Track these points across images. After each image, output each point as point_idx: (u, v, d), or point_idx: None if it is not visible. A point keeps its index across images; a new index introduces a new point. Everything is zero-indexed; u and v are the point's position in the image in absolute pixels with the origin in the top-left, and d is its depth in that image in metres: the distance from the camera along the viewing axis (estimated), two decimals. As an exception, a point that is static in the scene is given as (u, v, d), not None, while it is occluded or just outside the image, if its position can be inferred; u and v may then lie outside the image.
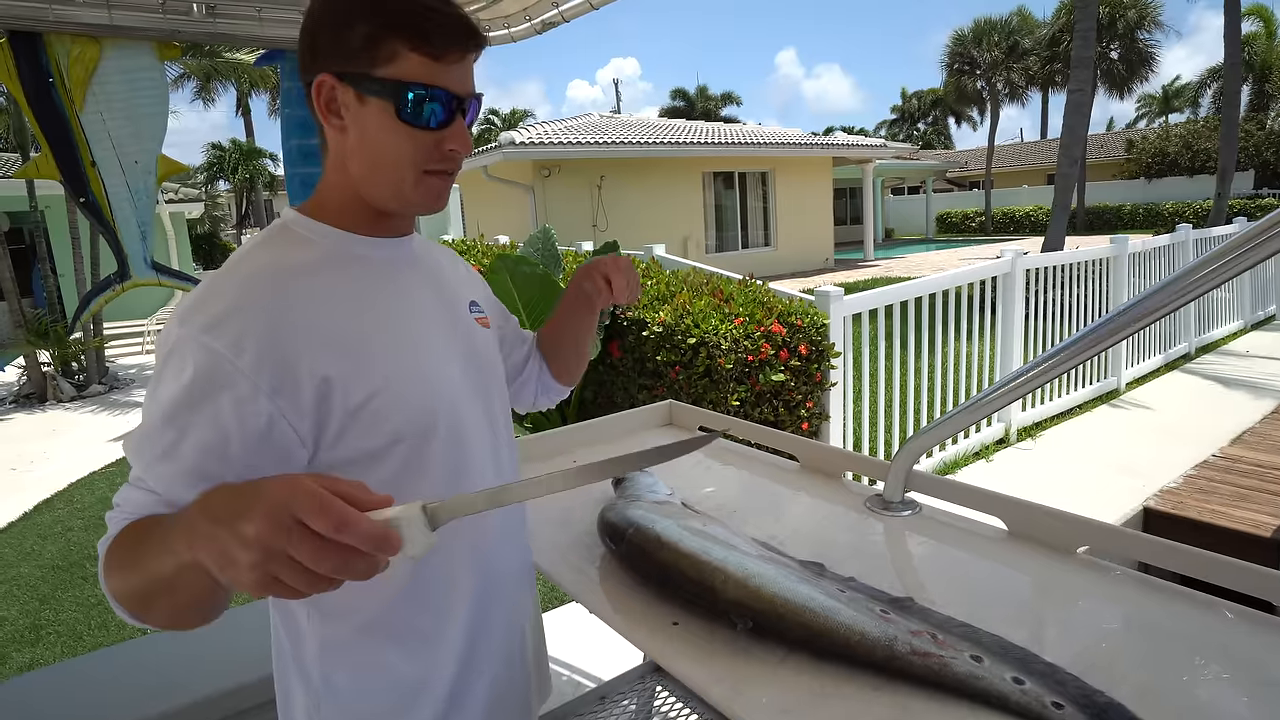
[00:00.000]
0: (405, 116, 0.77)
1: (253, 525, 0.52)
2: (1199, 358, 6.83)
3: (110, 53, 1.82)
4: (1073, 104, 10.79)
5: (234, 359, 0.70)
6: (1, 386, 9.40)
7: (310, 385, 0.73)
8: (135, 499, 0.71)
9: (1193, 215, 22.27)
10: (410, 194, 0.81)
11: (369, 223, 0.85)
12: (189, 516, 0.58)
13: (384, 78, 0.76)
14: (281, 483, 0.54)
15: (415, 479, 0.81)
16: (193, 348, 0.70)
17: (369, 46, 0.76)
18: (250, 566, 0.52)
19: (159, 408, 0.70)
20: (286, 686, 0.88)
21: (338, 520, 0.51)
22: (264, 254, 0.79)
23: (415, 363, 0.81)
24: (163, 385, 0.71)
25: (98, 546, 0.71)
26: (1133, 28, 25.59)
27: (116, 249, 2.03)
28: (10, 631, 3.30)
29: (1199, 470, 4.02)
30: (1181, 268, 0.88)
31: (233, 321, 0.71)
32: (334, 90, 0.78)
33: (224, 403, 0.69)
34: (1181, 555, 0.95)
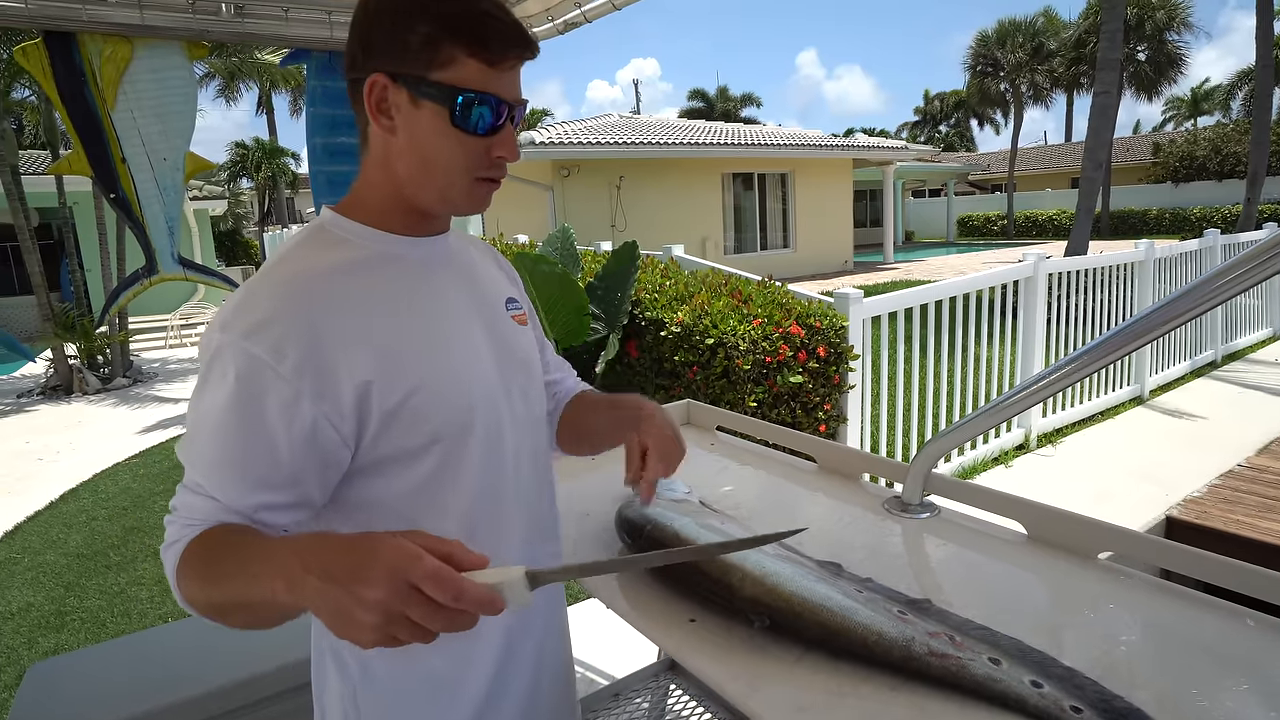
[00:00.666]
0: (458, 122, 0.77)
1: (374, 591, 0.56)
2: (1226, 365, 6.72)
3: (141, 52, 1.85)
4: (1098, 106, 10.65)
5: (275, 364, 0.71)
6: (29, 378, 9.58)
7: (350, 387, 0.74)
8: (197, 506, 0.73)
9: (1221, 220, 21.89)
10: (458, 199, 0.82)
11: (407, 223, 0.85)
12: (288, 563, 0.61)
13: (440, 81, 0.76)
14: (396, 549, 0.57)
15: (454, 476, 0.82)
16: (234, 354, 0.71)
17: (427, 49, 0.75)
18: (372, 628, 0.56)
19: (206, 415, 0.73)
20: (323, 673, 0.89)
21: (454, 592, 0.57)
22: (301, 257, 0.80)
23: (450, 362, 0.82)
24: (208, 392, 0.73)
25: (161, 552, 0.73)
26: (1161, 29, 25.21)
27: (144, 244, 2.07)
28: (36, 617, 3.36)
29: (1224, 480, 3.96)
30: (1208, 273, 0.87)
31: (273, 327, 0.72)
32: (386, 90, 0.77)
33: (269, 407, 0.71)
34: (1204, 562, 0.94)
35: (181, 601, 0.71)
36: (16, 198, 8.34)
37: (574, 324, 4.39)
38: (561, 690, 1.02)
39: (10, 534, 4.44)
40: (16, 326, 13.24)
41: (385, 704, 0.85)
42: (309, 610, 0.61)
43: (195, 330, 12.69)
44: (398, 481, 0.80)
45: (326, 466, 0.75)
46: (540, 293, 4.24)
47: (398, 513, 0.81)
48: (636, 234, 11.24)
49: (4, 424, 7.38)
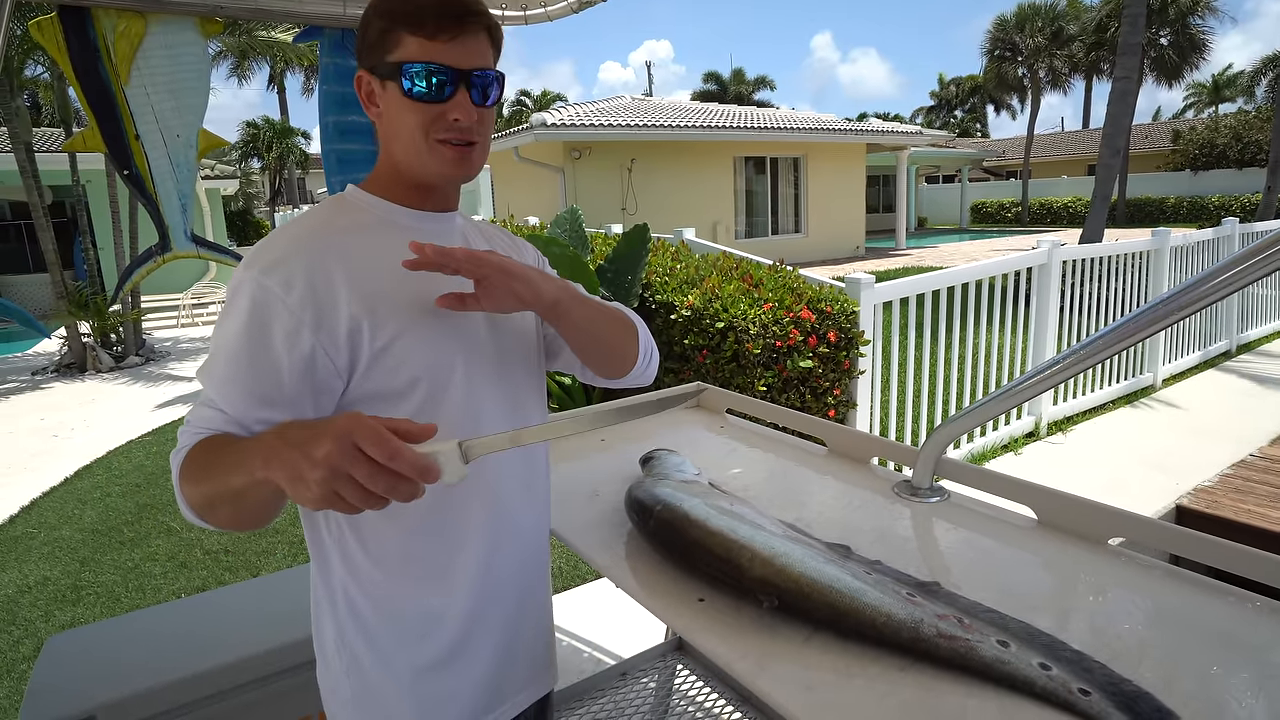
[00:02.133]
0: (408, 92, 0.88)
1: (322, 448, 0.64)
2: (1239, 356, 6.66)
3: (155, 27, 1.85)
4: (1118, 92, 10.49)
5: (284, 296, 0.81)
6: (43, 356, 9.67)
7: (344, 323, 0.83)
8: (206, 416, 0.82)
9: (1240, 209, 21.61)
10: (427, 160, 0.91)
11: (413, 197, 0.96)
12: (265, 441, 0.70)
13: (390, 61, 0.88)
14: (347, 417, 0.66)
15: (431, 419, 0.84)
16: (251, 287, 0.82)
17: (381, 39, 0.89)
18: (317, 482, 0.64)
19: (224, 338, 0.83)
20: (320, 618, 0.97)
21: (391, 451, 0.64)
22: (318, 215, 0.93)
23: (438, 317, 0.90)
24: (227, 319, 0.83)
25: (171, 458, 0.83)
26: (1185, 13, 24.73)
27: (158, 221, 2.08)
28: (53, 591, 3.41)
29: (1235, 470, 3.93)
30: (1224, 261, 0.86)
31: (285, 265, 0.83)
32: (369, 83, 0.91)
33: (275, 333, 0.81)
34: (1214, 548, 0.94)
35: (181, 501, 0.80)
36: (31, 175, 8.38)
37: (584, 307, 4.39)
38: (541, 643, 1.08)
39: (27, 509, 4.50)
40: (31, 304, 13.35)
41: (370, 639, 0.93)
42: (275, 476, 0.67)
43: (207, 310, 12.76)
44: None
45: (320, 393, 0.84)
46: (550, 275, 4.24)
47: None
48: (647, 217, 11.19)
49: (19, 401, 7.46)
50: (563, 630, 2.58)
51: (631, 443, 1.53)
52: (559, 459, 1.51)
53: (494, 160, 13.84)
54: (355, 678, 0.94)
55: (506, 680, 1.01)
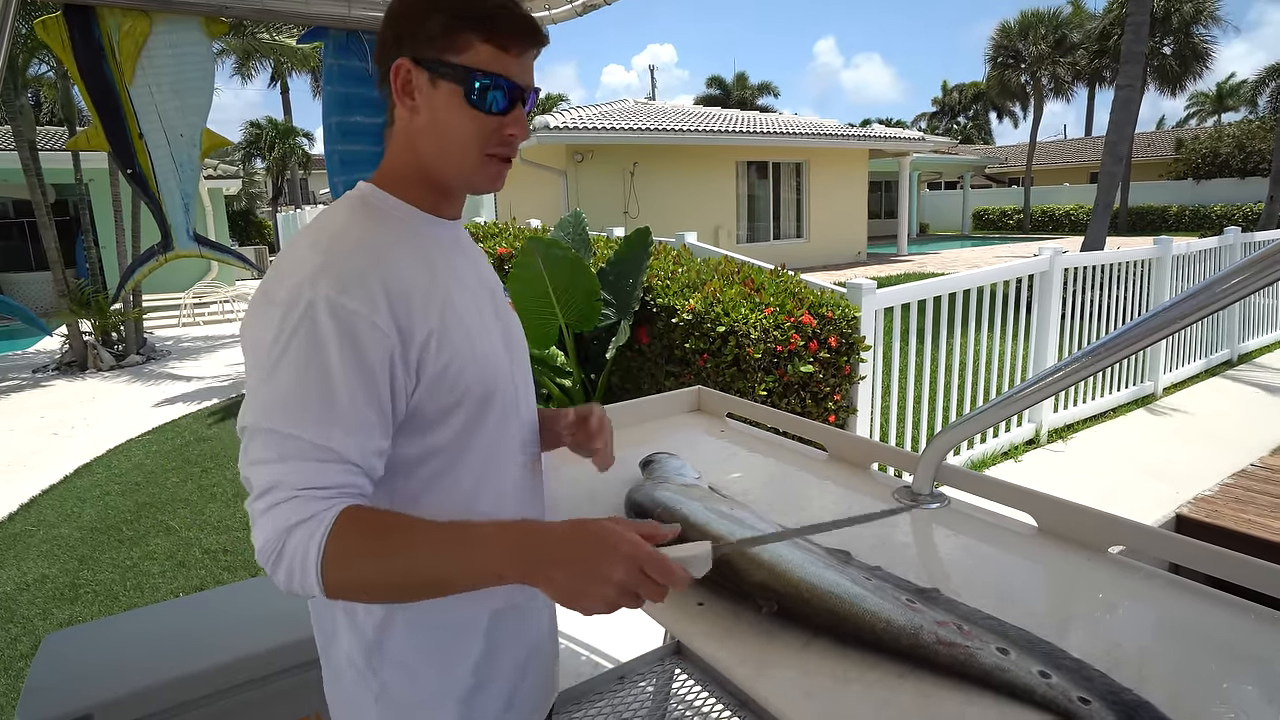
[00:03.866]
0: (472, 100, 0.83)
1: (616, 573, 0.69)
2: (1241, 365, 6.65)
3: (159, 27, 1.85)
4: (1121, 100, 10.50)
5: (370, 314, 0.76)
6: (44, 354, 9.68)
7: (417, 343, 0.80)
8: (326, 472, 0.73)
9: (1242, 218, 21.60)
10: (472, 173, 0.87)
11: (432, 201, 0.90)
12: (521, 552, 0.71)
13: (456, 64, 0.83)
14: (627, 540, 0.71)
15: (470, 439, 0.87)
16: (329, 310, 0.74)
17: (445, 35, 0.82)
18: (608, 602, 0.70)
19: (308, 370, 0.73)
20: (332, 631, 0.90)
21: (671, 577, 0.71)
22: (360, 226, 0.84)
23: (477, 337, 0.87)
24: (303, 350, 0.74)
25: (289, 532, 0.71)
26: (1188, 22, 24.75)
27: (160, 220, 2.08)
28: (51, 589, 3.41)
29: (1236, 479, 3.93)
30: (1225, 270, 0.86)
31: (363, 282, 0.77)
32: (410, 74, 0.84)
33: (372, 356, 0.76)
34: (1214, 557, 0.93)
35: (324, 582, 0.70)
36: (34, 173, 8.39)
37: (586, 309, 4.39)
38: (548, 663, 1.07)
39: (26, 507, 4.50)
40: (32, 302, 13.36)
41: (398, 657, 0.89)
42: (537, 588, 0.71)
43: (208, 309, 12.77)
44: (422, 441, 0.84)
45: (388, 415, 0.80)
46: (552, 277, 4.24)
47: (414, 472, 0.85)
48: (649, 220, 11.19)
49: (20, 399, 7.46)
50: (561, 633, 2.57)
51: (632, 446, 1.53)
52: (559, 461, 1.51)
53: (497, 162, 13.84)
54: (385, 704, 0.89)
55: (521, 697, 0.98)
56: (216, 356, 9.27)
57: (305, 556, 0.70)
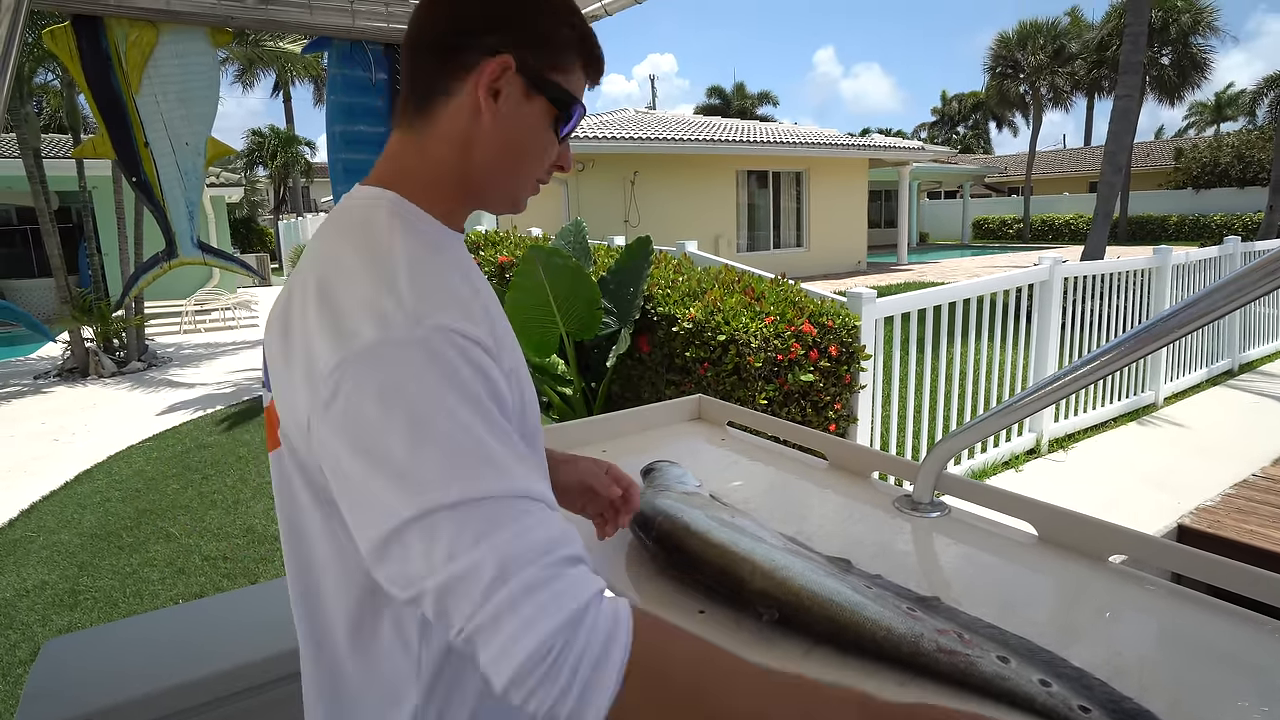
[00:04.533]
0: (558, 126, 0.78)
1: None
2: (1242, 375, 6.65)
3: (166, 37, 1.87)
4: (1119, 110, 10.55)
5: (492, 345, 0.66)
6: (46, 360, 9.69)
7: (514, 378, 0.72)
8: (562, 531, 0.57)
9: (1242, 228, 21.66)
10: (521, 194, 0.81)
11: (453, 212, 0.79)
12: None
13: (561, 84, 0.76)
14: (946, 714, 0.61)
15: None
16: (457, 342, 0.62)
17: (561, 50, 0.76)
18: None
19: (456, 416, 0.58)
20: None
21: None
22: (417, 242, 0.71)
23: (517, 359, 0.78)
24: (450, 394, 0.59)
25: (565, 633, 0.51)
26: (1186, 33, 24.89)
27: (165, 228, 2.09)
28: (50, 596, 3.41)
29: (1238, 489, 3.92)
30: (1226, 278, 0.86)
31: (475, 309, 0.67)
32: (508, 72, 0.73)
33: (505, 391, 0.65)
34: (1216, 567, 0.93)
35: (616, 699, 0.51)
36: (38, 180, 8.42)
37: (586, 318, 4.40)
38: None
39: (26, 513, 4.50)
40: (35, 308, 13.39)
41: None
42: None
43: (209, 316, 12.79)
44: None
45: None
46: (553, 286, 4.25)
47: None
48: (649, 230, 11.21)
49: (21, 405, 7.47)
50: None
51: (633, 454, 1.53)
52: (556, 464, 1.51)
53: (498, 171, 13.92)
54: None
55: None
56: (218, 363, 9.28)
57: (603, 662, 0.50)
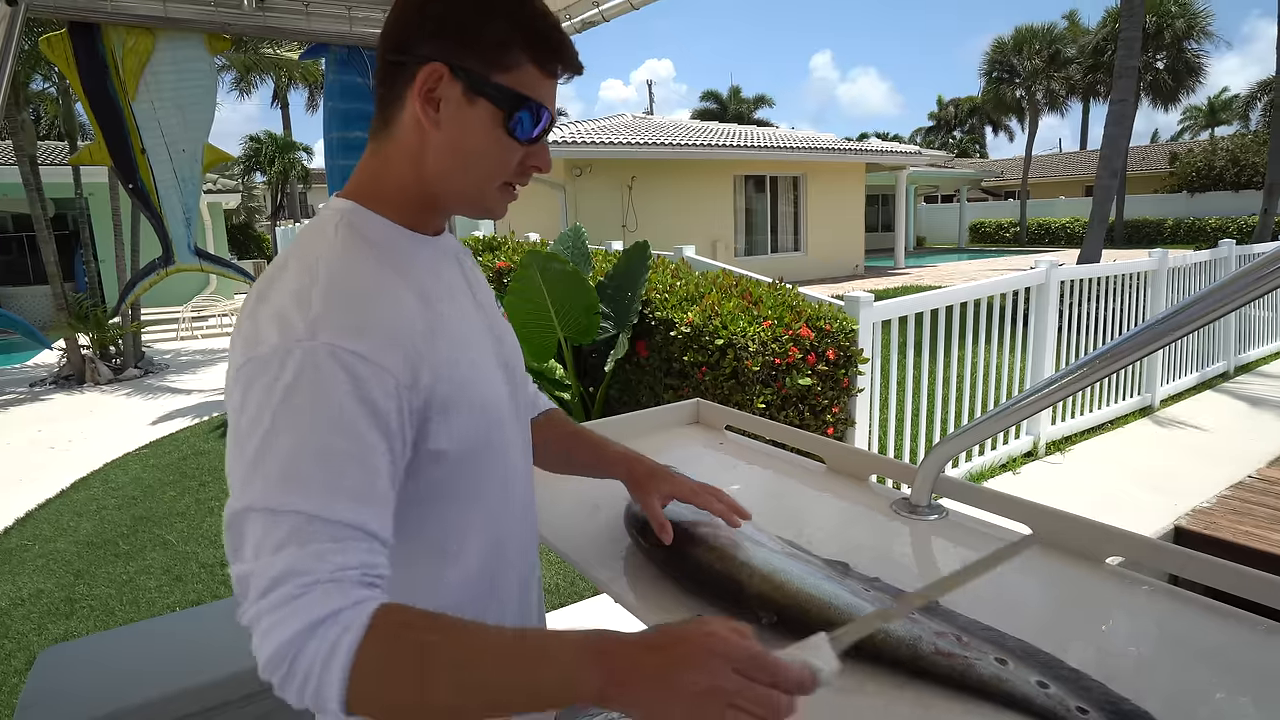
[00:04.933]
0: (510, 127, 0.75)
1: (704, 675, 0.53)
2: (1237, 377, 6.67)
3: (163, 44, 1.87)
4: (1115, 115, 10.60)
5: (383, 363, 0.66)
6: (42, 367, 9.67)
7: (423, 387, 0.70)
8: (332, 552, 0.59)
9: (1237, 231, 21.72)
10: (488, 202, 0.80)
11: (420, 219, 0.81)
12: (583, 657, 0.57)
13: (502, 84, 0.73)
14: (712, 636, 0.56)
15: (472, 482, 0.80)
16: (342, 359, 0.64)
17: (499, 51, 0.73)
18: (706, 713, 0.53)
19: (325, 432, 0.62)
20: None
21: (772, 671, 0.55)
22: (352, 249, 0.74)
23: (473, 368, 0.78)
24: (324, 407, 0.62)
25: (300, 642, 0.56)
26: (1180, 37, 25.03)
27: (162, 234, 2.09)
28: (47, 604, 3.39)
29: (1234, 491, 3.93)
30: (1222, 280, 0.87)
31: (370, 327, 0.67)
32: (441, 81, 0.73)
33: (388, 409, 0.66)
34: (1213, 569, 0.94)
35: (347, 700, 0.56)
36: (34, 188, 8.42)
37: (584, 322, 4.40)
38: None
39: (22, 521, 4.49)
40: (31, 316, 13.36)
41: None
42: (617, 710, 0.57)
43: (206, 323, 12.77)
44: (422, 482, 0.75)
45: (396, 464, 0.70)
46: (551, 291, 4.25)
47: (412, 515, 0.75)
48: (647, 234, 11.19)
49: (17, 412, 7.45)
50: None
51: (630, 458, 1.53)
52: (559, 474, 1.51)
53: (495, 177, 13.94)
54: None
55: None
56: (215, 370, 9.26)
57: (328, 667, 0.56)
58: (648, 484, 0.99)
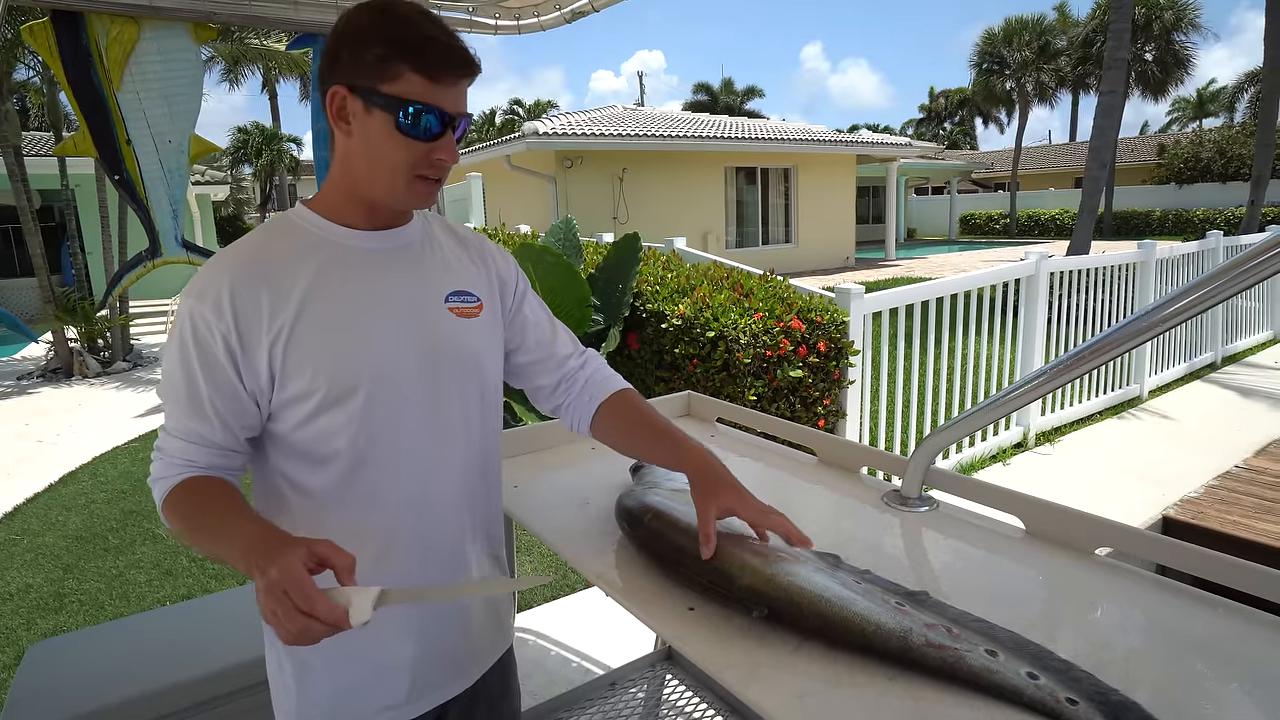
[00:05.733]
0: (403, 128, 0.89)
1: (264, 584, 0.73)
2: (1224, 368, 6.72)
3: (148, 33, 1.85)
4: (1104, 106, 10.63)
5: (216, 320, 0.88)
6: (29, 361, 9.58)
7: (268, 338, 0.90)
8: (176, 448, 0.92)
9: (1224, 222, 21.87)
10: (401, 194, 0.93)
11: (362, 217, 0.98)
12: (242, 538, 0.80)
13: (388, 93, 0.88)
14: (280, 565, 0.73)
15: (337, 429, 0.94)
16: (187, 315, 0.90)
17: (379, 65, 0.87)
18: (261, 609, 0.74)
19: (173, 364, 0.91)
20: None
21: (308, 606, 0.72)
22: (254, 239, 0.96)
23: (352, 332, 0.94)
24: (171, 348, 0.91)
25: (152, 484, 0.93)
26: (1169, 29, 25.12)
27: (149, 226, 2.07)
28: (35, 599, 3.37)
29: (1221, 481, 3.97)
30: (1209, 271, 0.87)
31: (215, 290, 0.89)
32: (345, 100, 0.90)
33: (219, 355, 0.89)
34: (1201, 559, 0.94)
35: (166, 523, 0.91)
36: (19, 179, 8.31)
37: (576, 315, 4.39)
38: (460, 643, 1.09)
39: (10, 515, 4.45)
40: (17, 308, 13.23)
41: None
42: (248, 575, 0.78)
43: (195, 315, 12.66)
44: (293, 423, 0.94)
45: (252, 400, 0.92)
46: (542, 283, 4.24)
47: (298, 449, 0.95)
48: (638, 226, 11.20)
49: (4, 406, 7.38)
50: (551, 640, 2.57)
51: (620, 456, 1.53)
52: (550, 467, 1.51)
53: (485, 168, 13.85)
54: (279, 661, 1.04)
55: (421, 677, 1.02)
56: (203, 363, 9.18)
57: (158, 505, 0.92)
58: (712, 492, 0.97)
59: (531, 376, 1.18)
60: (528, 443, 1.60)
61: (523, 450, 1.59)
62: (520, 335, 1.15)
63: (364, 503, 0.97)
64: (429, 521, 1.01)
